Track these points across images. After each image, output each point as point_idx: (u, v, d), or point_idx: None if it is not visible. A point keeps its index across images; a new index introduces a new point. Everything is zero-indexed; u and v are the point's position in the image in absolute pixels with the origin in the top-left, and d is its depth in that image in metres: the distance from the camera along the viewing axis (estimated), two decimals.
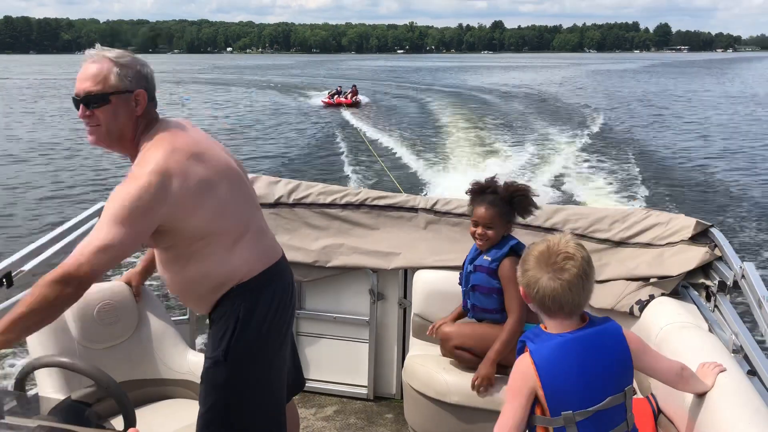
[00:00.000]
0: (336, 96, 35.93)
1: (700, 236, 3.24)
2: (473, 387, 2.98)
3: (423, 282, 3.52)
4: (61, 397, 2.21)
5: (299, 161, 19.78)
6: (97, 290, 2.82)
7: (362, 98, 37.02)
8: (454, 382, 3.04)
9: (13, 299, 2.79)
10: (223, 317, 2.33)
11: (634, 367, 1.99)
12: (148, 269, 2.92)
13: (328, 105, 35.09)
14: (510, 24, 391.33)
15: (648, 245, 3.35)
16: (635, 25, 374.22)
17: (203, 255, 2.27)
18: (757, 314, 2.52)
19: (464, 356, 3.11)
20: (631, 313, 3.09)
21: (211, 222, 2.24)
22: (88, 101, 2.19)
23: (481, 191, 3.09)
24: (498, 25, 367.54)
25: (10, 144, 23.89)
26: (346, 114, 31.32)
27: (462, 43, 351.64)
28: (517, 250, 2.98)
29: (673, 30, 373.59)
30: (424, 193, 13.99)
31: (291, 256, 3.54)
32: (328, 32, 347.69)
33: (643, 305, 3.06)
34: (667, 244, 3.29)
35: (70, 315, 2.74)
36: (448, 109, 33.91)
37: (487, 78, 70.66)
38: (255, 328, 2.33)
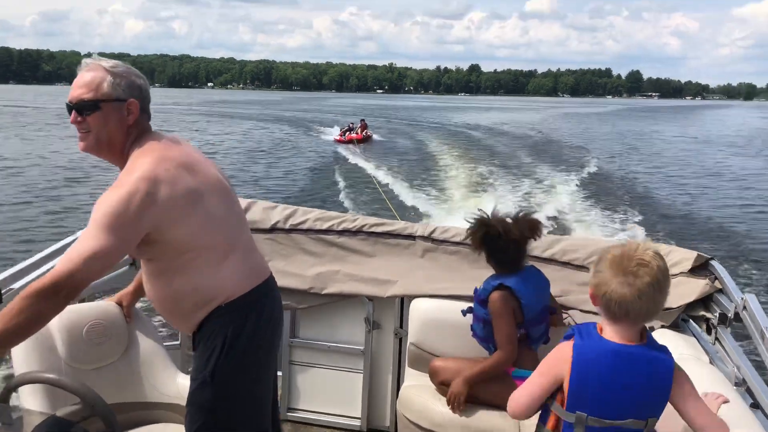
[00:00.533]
0: (348, 133, 37.23)
1: (700, 268, 3.24)
2: (448, 402, 3.03)
3: (419, 310, 3.49)
4: (45, 414, 2.17)
5: (302, 191, 20.35)
6: (87, 309, 2.79)
7: (372, 134, 38.56)
8: (449, 413, 3.02)
9: None
10: (210, 336, 2.31)
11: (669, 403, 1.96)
12: (140, 290, 2.80)
13: (340, 142, 36.25)
14: (486, 68, 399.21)
15: None
16: (608, 71, 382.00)
17: (190, 269, 2.26)
18: (759, 346, 2.50)
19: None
20: None
21: (199, 234, 2.24)
22: (80, 108, 2.23)
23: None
24: (475, 69, 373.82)
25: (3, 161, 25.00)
26: (348, 147, 33.00)
27: (440, 85, 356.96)
28: (511, 290, 2.96)
29: (645, 77, 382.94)
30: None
31: (286, 282, 3.47)
32: (309, 70, 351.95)
33: None
34: None
35: (57, 334, 2.67)
36: (442, 144, 35.72)
37: (476, 117, 73.43)
38: (242, 348, 2.32)
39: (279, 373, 3.48)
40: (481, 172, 24.34)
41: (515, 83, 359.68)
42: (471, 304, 3.20)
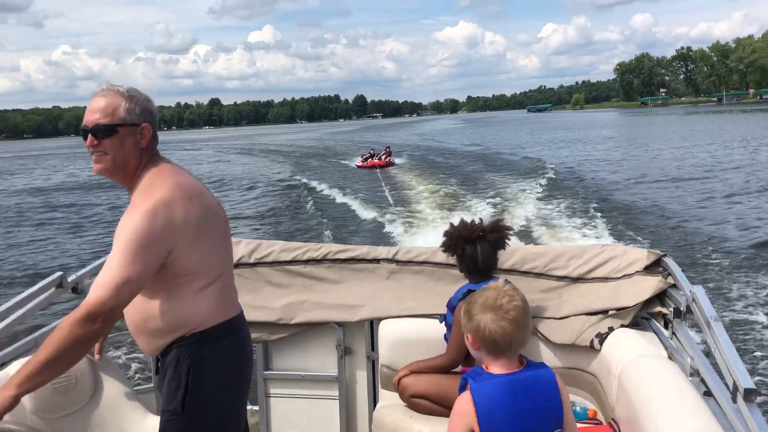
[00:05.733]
0: (370, 159, 37.20)
1: (654, 266, 3.31)
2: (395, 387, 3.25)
3: (389, 332, 3.54)
4: None
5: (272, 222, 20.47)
6: None
7: (394, 160, 37.99)
8: (421, 430, 3.09)
9: None
10: (175, 366, 2.34)
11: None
12: None
13: (362, 167, 36.25)
14: (225, 101, 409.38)
15: (605, 279, 3.41)
16: (337, 97, 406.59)
17: (172, 292, 2.31)
18: (708, 336, 2.56)
19: (421, 404, 3.20)
20: (591, 346, 3.15)
21: (198, 261, 2.30)
22: (96, 131, 2.29)
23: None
24: (215, 103, 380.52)
25: None
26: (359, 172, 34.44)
27: (183, 121, 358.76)
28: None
29: (369, 100, 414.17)
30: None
31: (255, 315, 3.58)
32: (41, 116, 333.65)
33: (602, 338, 3.13)
34: (623, 276, 3.37)
35: None
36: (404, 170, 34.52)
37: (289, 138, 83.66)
38: (211, 379, 2.35)
39: (255, 408, 3.91)
40: (446, 191, 24.47)
41: (256, 113, 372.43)
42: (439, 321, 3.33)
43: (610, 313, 3.25)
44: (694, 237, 15.01)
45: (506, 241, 3.20)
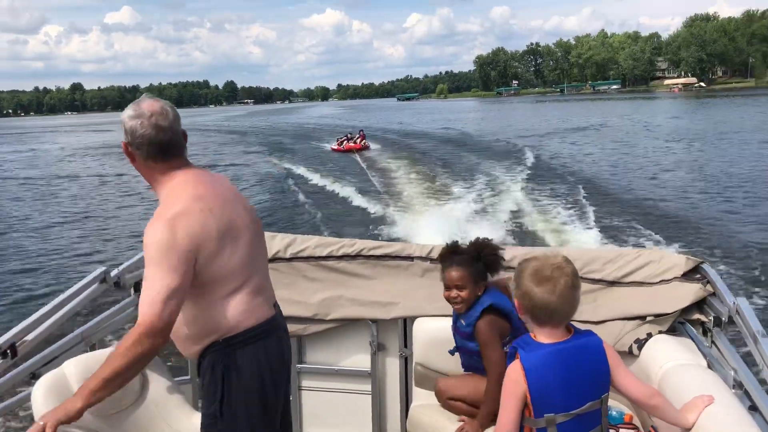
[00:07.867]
0: (345, 142, 37.07)
1: (692, 272, 3.30)
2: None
3: (423, 330, 3.56)
4: None
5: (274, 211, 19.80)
6: (103, 356, 2.61)
7: (369, 144, 38.12)
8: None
9: (18, 369, 2.86)
10: (211, 370, 2.44)
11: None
12: None
13: (338, 151, 36.17)
14: (85, 84, 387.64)
15: (641, 284, 3.41)
16: (206, 82, 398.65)
17: (195, 302, 2.38)
18: (753, 349, 2.53)
19: (458, 406, 3.21)
20: (630, 352, 3.13)
21: (220, 270, 2.37)
22: None
23: (449, 254, 3.15)
24: (78, 87, 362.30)
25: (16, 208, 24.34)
26: (345, 156, 34.09)
27: (43, 106, 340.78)
28: (494, 307, 2.99)
29: (239, 86, 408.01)
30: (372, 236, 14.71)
31: (290, 310, 3.56)
32: None
33: (641, 344, 3.11)
34: (660, 281, 3.36)
35: (76, 383, 2.65)
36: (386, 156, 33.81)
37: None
38: (245, 383, 2.43)
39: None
40: (424, 173, 24.77)
41: (121, 99, 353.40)
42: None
43: (648, 318, 3.26)
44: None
45: (498, 264, 3.12)
